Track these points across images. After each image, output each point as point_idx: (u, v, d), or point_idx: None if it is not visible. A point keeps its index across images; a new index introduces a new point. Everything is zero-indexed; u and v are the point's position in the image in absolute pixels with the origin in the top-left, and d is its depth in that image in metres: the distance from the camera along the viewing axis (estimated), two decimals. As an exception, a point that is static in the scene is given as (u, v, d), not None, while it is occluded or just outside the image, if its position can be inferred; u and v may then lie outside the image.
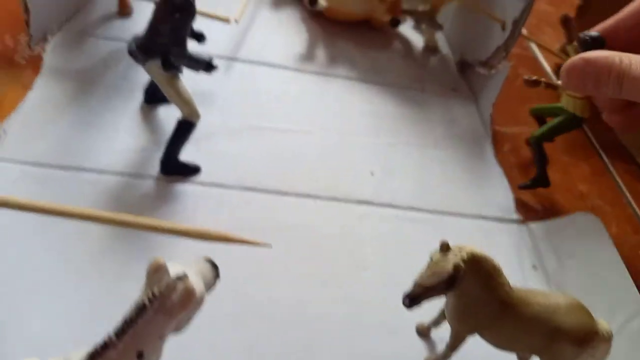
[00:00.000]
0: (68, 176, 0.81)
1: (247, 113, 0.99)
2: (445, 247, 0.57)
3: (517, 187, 1.01)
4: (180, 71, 0.78)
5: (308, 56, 1.15)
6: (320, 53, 1.17)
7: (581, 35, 0.84)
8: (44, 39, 1.00)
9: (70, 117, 0.89)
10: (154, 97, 0.94)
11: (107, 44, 1.04)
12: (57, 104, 0.90)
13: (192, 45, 0.79)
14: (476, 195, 0.97)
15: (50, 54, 0.98)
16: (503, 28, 1.06)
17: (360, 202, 0.90)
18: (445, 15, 1.29)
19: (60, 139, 0.85)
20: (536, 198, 1.02)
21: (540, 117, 1.07)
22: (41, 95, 0.91)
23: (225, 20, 0.97)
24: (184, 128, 0.81)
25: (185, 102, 0.79)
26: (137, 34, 0.79)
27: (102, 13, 1.09)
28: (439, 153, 1.03)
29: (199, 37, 0.84)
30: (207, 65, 0.77)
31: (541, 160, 1.00)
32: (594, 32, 0.74)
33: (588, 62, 0.57)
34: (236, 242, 0.52)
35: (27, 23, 0.93)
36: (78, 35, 1.03)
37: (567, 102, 0.97)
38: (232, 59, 1.09)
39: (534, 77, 1.05)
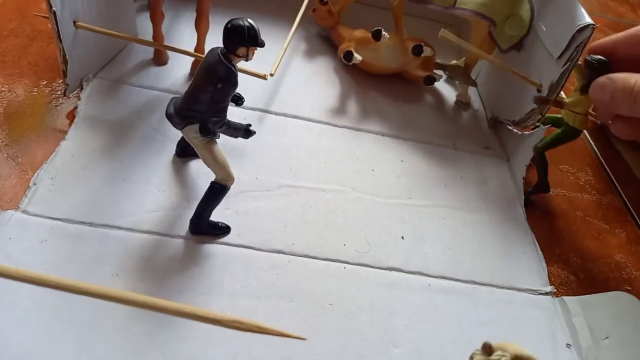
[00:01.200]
0: (97, 234, 0.80)
1: (279, 169, 0.98)
2: (487, 349, 0.55)
3: (525, 194, 1.07)
4: (218, 136, 0.78)
5: (340, 109, 1.14)
6: (352, 106, 1.16)
7: (587, 58, 0.85)
8: (80, 87, 1.00)
9: (101, 170, 0.88)
10: (186, 150, 0.93)
11: (142, 93, 1.04)
12: (89, 156, 0.90)
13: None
14: (509, 264, 0.94)
15: (85, 102, 0.98)
16: (539, 91, 1.04)
17: (391, 269, 0.88)
18: (478, 70, 1.28)
19: (91, 194, 0.85)
20: (571, 268, 0.99)
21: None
22: (74, 146, 0.91)
23: (262, 77, 0.97)
24: (217, 191, 0.80)
25: (220, 166, 0.78)
26: (176, 98, 0.78)
27: (138, 61, 1.10)
28: (471, 217, 1.00)
29: (237, 100, 0.83)
30: (245, 133, 0.76)
31: (543, 168, 1.08)
32: (599, 56, 0.80)
33: (610, 80, 0.70)
34: (270, 334, 0.51)
35: (65, 73, 0.93)
36: (113, 83, 1.04)
37: (566, 115, 1.02)
38: (265, 111, 1.08)
39: (545, 95, 1.04)
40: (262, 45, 0.71)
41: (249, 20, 0.70)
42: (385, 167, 1.05)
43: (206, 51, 1.07)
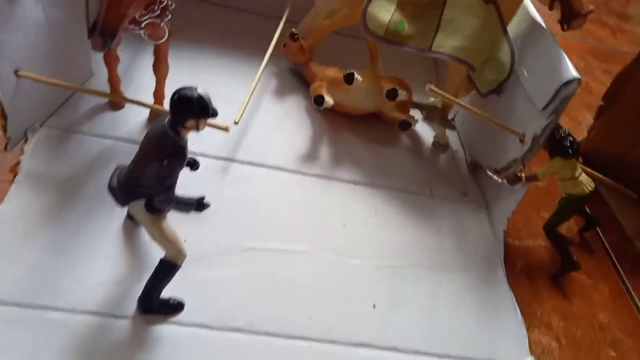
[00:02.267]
0: (34, 317, 0.73)
1: (242, 230, 0.90)
2: None
3: (550, 278, 1.01)
4: (166, 211, 0.70)
5: (311, 155, 1.07)
6: (324, 151, 1.10)
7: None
8: (24, 138, 0.91)
9: (43, 238, 0.80)
10: (139, 212, 0.85)
11: (94, 142, 0.96)
12: (31, 221, 0.82)
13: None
14: (487, 331, 0.89)
15: (29, 156, 0.90)
16: (522, 141, 0.98)
17: (361, 344, 0.81)
18: (456, 110, 1.22)
19: (30, 268, 0.77)
20: (552, 332, 0.93)
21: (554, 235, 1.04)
22: (13, 209, 0.82)
23: (224, 129, 0.89)
24: (167, 270, 0.73)
25: (170, 243, 0.71)
26: (121, 167, 0.71)
27: (91, 105, 1.02)
28: (448, 277, 0.94)
29: (192, 165, 0.75)
30: (197, 207, 0.69)
31: (560, 246, 1.02)
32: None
33: None
34: None
35: (4, 127, 0.85)
36: (63, 132, 0.95)
37: (563, 186, 1.00)
38: (229, 159, 1.01)
39: (515, 174, 0.99)
40: (214, 115, 0.64)
41: (199, 90, 0.63)
42: (358, 221, 0.98)
43: (166, 96, 1.02)
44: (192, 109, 0.62)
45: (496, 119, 1.01)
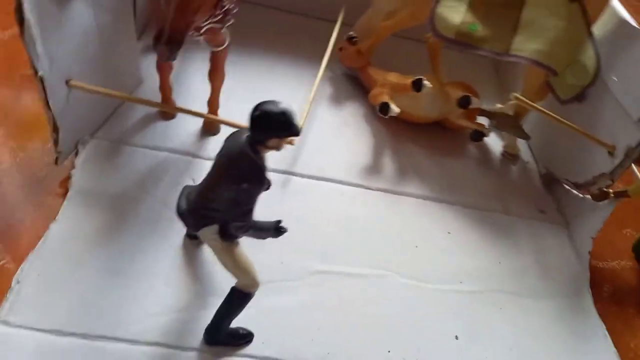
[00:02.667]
0: (93, 349, 0.66)
1: (307, 250, 0.83)
2: None
3: None
4: (239, 237, 0.63)
5: (374, 168, 0.99)
6: (388, 163, 1.02)
7: None
8: (75, 151, 0.85)
9: (98, 261, 0.74)
10: (199, 232, 0.78)
11: (146, 155, 0.90)
12: (84, 242, 0.75)
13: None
14: (580, 366, 0.79)
15: (79, 171, 0.84)
16: (611, 154, 0.89)
17: (445, 381, 0.73)
18: (528, 118, 1.12)
19: (85, 294, 0.70)
20: (649, 366, 0.84)
21: None
22: (66, 229, 0.76)
23: (289, 142, 0.82)
24: (240, 299, 0.65)
25: (243, 272, 0.64)
26: (189, 188, 0.64)
27: (141, 115, 0.95)
28: (532, 304, 0.86)
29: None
30: (274, 233, 0.62)
31: None
32: None
33: None
34: None
35: (56, 141, 0.79)
36: (113, 144, 0.89)
37: None
38: (288, 173, 0.94)
39: (602, 190, 0.90)
40: (297, 134, 0.57)
41: (283, 104, 0.55)
42: (430, 241, 0.90)
43: (221, 104, 0.95)
44: (277, 126, 0.54)
45: (584, 130, 0.92)
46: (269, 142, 0.56)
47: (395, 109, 0.98)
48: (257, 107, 0.55)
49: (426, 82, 0.96)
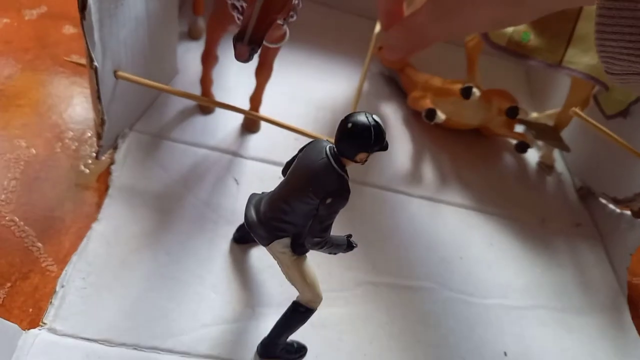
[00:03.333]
0: (146, 359, 0.63)
1: (354, 259, 0.80)
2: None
3: None
4: (308, 250, 0.60)
5: (415, 174, 0.97)
6: (428, 170, 1.00)
7: None
8: (115, 145, 0.81)
9: (144, 265, 0.70)
10: (247, 236, 0.75)
11: (187, 152, 0.86)
12: (128, 243, 0.72)
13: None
14: (625, 387, 0.79)
15: (120, 166, 0.80)
16: (656, 171, 0.89)
17: (497, 401, 0.72)
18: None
19: (133, 300, 0.67)
20: (687, 387, 0.84)
21: None
22: (109, 229, 0.73)
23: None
24: (301, 315, 0.63)
25: (309, 287, 0.61)
26: (257, 197, 0.61)
27: (180, 107, 0.91)
28: (575, 321, 0.85)
29: None
30: (347, 248, 0.59)
31: None
32: None
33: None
34: None
35: (100, 135, 0.75)
36: (153, 138, 0.85)
37: None
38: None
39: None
40: (386, 148, 0.54)
41: (374, 117, 0.52)
42: (474, 253, 0.89)
43: (263, 100, 0.91)
44: (369, 140, 0.51)
45: (628, 144, 0.91)
46: (358, 156, 0.53)
47: (441, 115, 0.96)
48: (349, 119, 0.52)
49: (475, 90, 0.94)
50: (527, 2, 0.50)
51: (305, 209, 0.55)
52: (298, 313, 0.63)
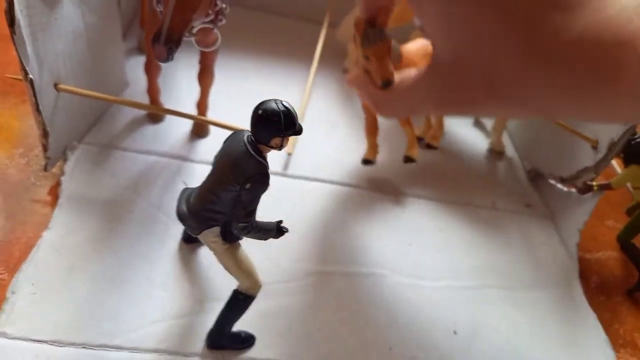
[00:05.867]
0: (94, 357, 0.64)
1: (304, 251, 0.83)
2: None
3: (627, 293, 0.94)
4: (241, 238, 0.62)
5: (365, 168, 1.00)
6: (377, 162, 1.02)
7: None
8: (64, 157, 0.84)
9: (93, 269, 0.72)
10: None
11: (137, 159, 0.88)
12: (77, 250, 0.74)
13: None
14: (575, 358, 0.81)
15: (69, 177, 0.82)
16: (594, 148, 0.92)
17: (446, 376, 0.74)
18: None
19: (82, 302, 0.69)
20: (639, 353, 0.86)
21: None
22: (58, 237, 0.74)
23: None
24: (242, 301, 0.65)
25: (245, 274, 0.63)
26: (188, 190, 0.63)
27: (130, 118, 0.94)
28: (525, 297, 0.87)
29: None
30: (276, 233, 0.61)
31: (637, 258, 0.96)
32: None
33: None
34: None
35: (45, 147, 0.77)
36: (102, 149, 0.88)
37: (638, 195, 0.96)
38: (280, 174, 0.94)
39: (586, 183, 0.93)
40: (299, 132, 0.57)
41: (284, 103, 0.55)
42: (424, 239, 0.91)
43: (210, 107, 0.94)
44: (280, 125, 0.54)
45: (566, 124, 0.95)
46: (272, 141, 0.55)
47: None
48: (260, 107, 0.55)
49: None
50: (529, 105, 0.47)
51: (230, 196, 0.57)
52: (238, 301, 0.65)
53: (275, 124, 0.54)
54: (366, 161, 0.96)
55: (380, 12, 0.64)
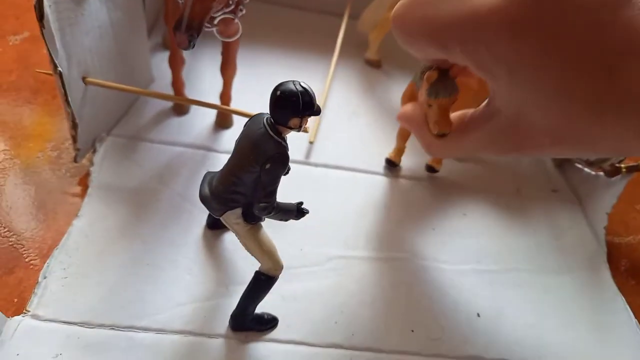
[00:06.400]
0: (122, 339, 0.67)
1: (326, 237, 0.84)
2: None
3: None
4: (262, 220, 0.64)
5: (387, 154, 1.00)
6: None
7: None
8: (92, 149, 0.87)
9: (121, 254, 0.75)
10: (219, 221, 0.79)
11: (163, 150, 0.91)
12: (106, 236, 0.76)
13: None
14: (603, 342, 0.80)
15: (98, 167, 0.85)
16: (622, 129, 0.90)
17: (471, 358, 0.73)
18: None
19: (111, 286, 0.71)
20: (672, 338, 0.84)
21: None
22: (88, 224, 0.77)
23: (304, 130, 0.83)
24: (264, 283, 0.66)
25: (267, 255, 0.64)
26: (211, 174, 0.65)
27: (155, 111, 0.96)
28: (551, 281, 0.86)
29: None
30: (297, 214, 0.62)
31: None
32: None
33: None
34: None
35: (75, 138, 0.80)
36: (130, 141, 0.90)
37: None
38: (302, 162, 0.95)
39: (614, 165, 0.91)
40: (318, 113, 0.57)
41: (302, 83, 0.56)
42: (448, 224, 0.91)
43: (233, 98, 0.96)
44: (298, 106, 0.55)
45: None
46: (291, 122, 0.56)
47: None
48: (278, 87, 0.56)
49: None
50: (599, 144, 0.46)
51: (251, 177, 0.59)
52: (260, 282, 0.66)
53: (294, 105, 0.55)
54: (390, 162, 0.96)
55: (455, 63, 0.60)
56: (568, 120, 0.44)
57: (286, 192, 0.73)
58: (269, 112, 0.59)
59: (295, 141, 0.94)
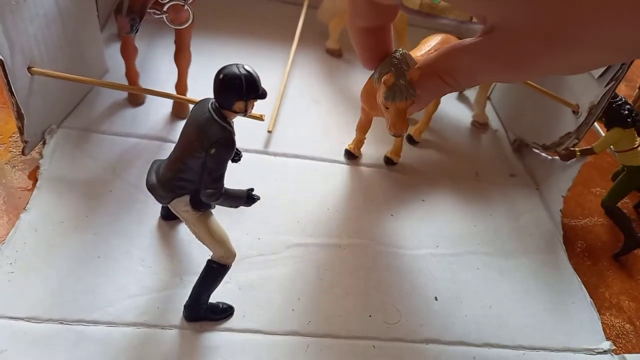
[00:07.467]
0: (71, 333, 0.65)
1: (284, 225, 0.83)
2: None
3: (613, 258, 0.94)
4: (213, 206, 0.63)
5: (345, 144, 0.99)
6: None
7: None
8: (42, 141, 0.84)
9: (72, 247, 0.73)
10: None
11: (116, 142, 0.89)
12: (57, 229, 0.74)
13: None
14: (559, 320, 0.81)
15: (48, 160, 0.82)
16: (575, 113, 0.92)
17: (427, 341, 0.74)
18: (492, 85, 1.15)
19: (61, 280, 0.69)
20: (625, 315, 0.86)
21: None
22: (37, 217, 0.75)
23: (259, 118, 0.83)
24: (216, 271, 0.65)
25: (218, 243, 0.63)
26: (159, 162, 0.64)
27: (109, 103, 0.94)
28: (508, 263, 0.87)
29: (234, 156, 0.68)
30: (247, 200, 0.62)
31: (623, 223, 0.95)
32: None
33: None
34: None
35: (21, 129, 0.77)
36: (82, 132, 0.88)
37: (621, 158, 0.94)
38: (261, 152, 0.94)
39: (569, 149, 0.92)
40: (264, 96, 0.57)
41: (246, 67, 0.55)
42: (406, 209, 0.91)
43: (190, 88, 0.95)
44: (241, 89, 0.54)
45: (547, 90, 0.94)
46: (235, 105, 0.56)
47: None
48: (221, 71, 0.55)
49: None
50: (601, 39, 0.43)
51: (197, 163, 0.58)
52: (213, 270, 0.65)
53: (237, 88, 0.54)
54: (350, 154, 0.96)
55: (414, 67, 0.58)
56: (563, 16, 0.43)
57: (245, 181, 0.72)
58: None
59: (253, 131, 0.93)
